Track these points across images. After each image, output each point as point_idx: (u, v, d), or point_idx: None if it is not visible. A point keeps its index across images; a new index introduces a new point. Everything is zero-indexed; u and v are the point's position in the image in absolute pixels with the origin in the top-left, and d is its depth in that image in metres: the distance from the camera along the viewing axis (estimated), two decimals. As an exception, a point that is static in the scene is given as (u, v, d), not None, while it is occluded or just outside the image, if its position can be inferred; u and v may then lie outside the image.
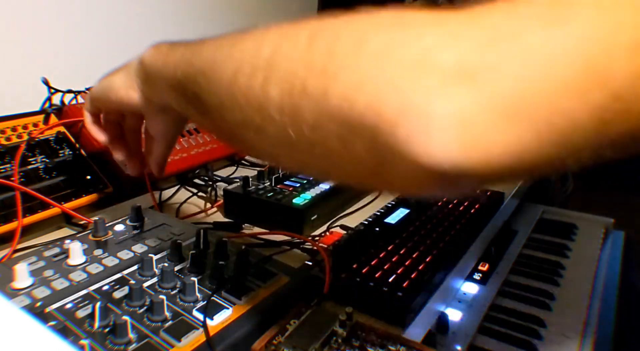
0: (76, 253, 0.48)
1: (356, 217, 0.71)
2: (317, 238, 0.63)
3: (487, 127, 0.21)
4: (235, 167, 0.90)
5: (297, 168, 0.31)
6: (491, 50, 0.22)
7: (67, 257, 0.49)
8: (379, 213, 0.67)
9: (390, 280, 0.49)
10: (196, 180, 0.81)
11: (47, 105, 0.75)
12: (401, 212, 0.67)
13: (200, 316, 0.41)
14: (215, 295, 0.44)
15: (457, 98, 0.21)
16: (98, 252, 0.51)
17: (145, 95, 0.45)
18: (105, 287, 0.45)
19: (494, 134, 0.21)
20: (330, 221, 0.69)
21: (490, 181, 0.24)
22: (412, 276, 0.50)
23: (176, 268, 0.48)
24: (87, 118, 0.53)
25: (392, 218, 0.65)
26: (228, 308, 0.42)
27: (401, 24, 0.24)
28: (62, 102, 0.77)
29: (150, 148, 0.50)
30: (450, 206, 0.71)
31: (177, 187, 0.79)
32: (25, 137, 0.66)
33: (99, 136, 0.53)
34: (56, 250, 0.51)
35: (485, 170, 0.22)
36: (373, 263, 0.52)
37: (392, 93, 0.23)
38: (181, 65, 0.37)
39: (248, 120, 0.30)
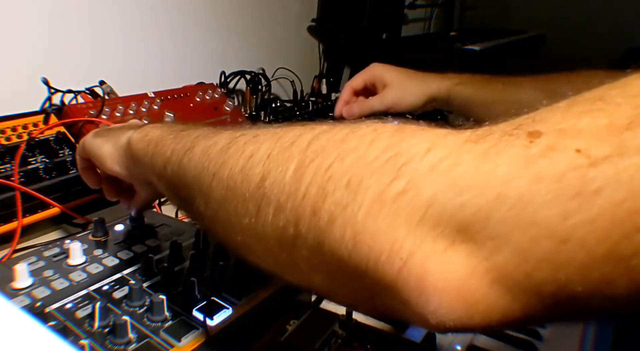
0: (76, 253, 0.48)
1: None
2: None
3: (486, 298, 0.20)
4: (235, 167, 0.90)
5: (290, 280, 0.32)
6: (496, 213, 0.20)
7: (67, 257, 0.49)
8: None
9: (390, 280, 0.49)
10: (196, 180, 0.81)
11: (47, 105, 0.75)
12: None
13: (200, 316, 0.41)
14: (215, 295, 0.44)
15: (455, 266, 0.20)
16: (98, 252, 0.51)
17: (131, 173, 0.46)
18: (105, 287, 0.45)
19: (493, 306, 0.20)
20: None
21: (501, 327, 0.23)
22: (412, 276, 0.50)
23: (176, 269, 0.48)
24: (80, 164, 0.54)
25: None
26: (228, 308, 0.42)
27: (395, 166, 0.23)
28: (62, 102, 0.76)
29: (135, 199, 0.53)
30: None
31: (177, 187, 0.79)
32: (25, 137, 0.66)
33: (90, 183, 0.55)
34: (56, 250, 0.51)
35: (489, 325, 0.21)
36: (373, 263, 0.52)
37: (390, 255, 0.22)
38: (170, 166, 0.37)
39: (243, 236, 0.30)
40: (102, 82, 0.84)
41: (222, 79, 1.12)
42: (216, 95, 0.97)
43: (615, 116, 0.19)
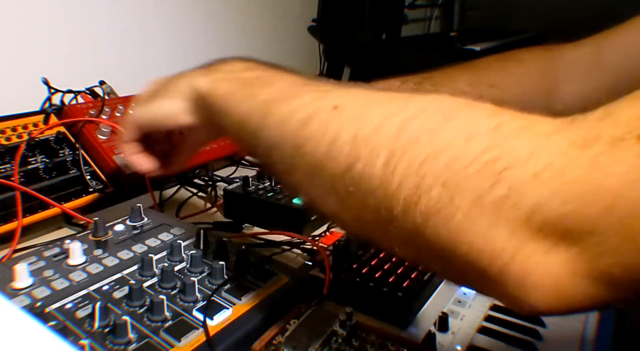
0: (76, 253, 0.48)
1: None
2: (317, 238, 0.63)
3: (585, 293, 0.21)
4: (235, 167, 0.90)
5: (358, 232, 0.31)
6: (605, 222, 0.20)
7: (67, 257, 0.49)
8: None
9: (390, 280, 0.49)
10: (196, 180, 0.81)
11: (47, 105, 0.75)
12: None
13: (200, 316, 0.41)
14: (215, 295, 0.44)
15: (556, 267, 0.21)
16: (98, 252, 0.51)
17: (202, 119, 0.43)
18: (105, 287, 0.45)
19: (589, 300, 0.21)
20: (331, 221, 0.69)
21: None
22: (412, 276, 0.50)
23: (176, 268, 0.48)
24: (130, 150, 0.50)
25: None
26: (228, 308, 0.42)
27: (496, 170, 0.22)
28: (62, 102, 0.76)
29: (181, 149, 0.51)
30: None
31: (177, 187, 0.79)
32: (25, 137, 0.66)
33: (147, 164, 0.51)
34: (56, 250, 0.51)
35: (579, 311, 0.22)
36: (373, 263, 0.52)
37: (491, 256, 0.22)
38: (245, 131, 0.35)
39: (330, 208, 0.29)
40: (102, 82, 0.84)
41: (222, 78, 1.12)
42: (216, 95, 0.97)
43: None
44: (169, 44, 1.11)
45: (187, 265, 0.48)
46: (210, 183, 0.79)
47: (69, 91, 0.78)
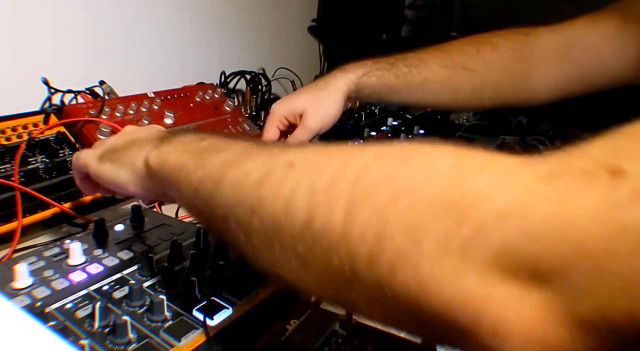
0: (76, 253, 0.48)
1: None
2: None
3: (563, 341, 0.19)
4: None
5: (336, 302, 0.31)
6: (577, 263, 0.18)
7: (67, 257, 0.49)
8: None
9: (390, 280, 0.49)
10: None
11: (47, 105, 0.75)
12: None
13: (200, 316, 0.41)
14: (215, 295, 0.44)
15: (531, 312, 0.19)
16: (98, 252, 0.51)
17: (155, 193, 0.44)
18: (105, 287, 0.45)
19: (570, 347, 0.19)
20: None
21: None
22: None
23: (176, 268, 0.48)
24: (78, 176, 0.51)
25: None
26: (228, 308, 0.42)
27: (459, 210, 0.21)
28: (62, 102, 0.76)
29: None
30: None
31: (177, 187, 0.79)
32: (25, 137, 0.66)
33: (89, 191, 0.52)
34: (56, 250, 0.51)
35: None
36: (373, 263, 0.52)
37: (462, 304, 0.21)
38: (199, 199, 0.34)
39: (291, 272, 0.28)
40: (102, 82, 0.84)
41: (222, 79, 1.12)
42: (216, 95, 0.97)
43: None
44: (169, 44, 1.11)
45: (187, 265, 0.48)
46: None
47: (69, 91, 0.78)
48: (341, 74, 0.77)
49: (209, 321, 0.40)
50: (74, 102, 0.78)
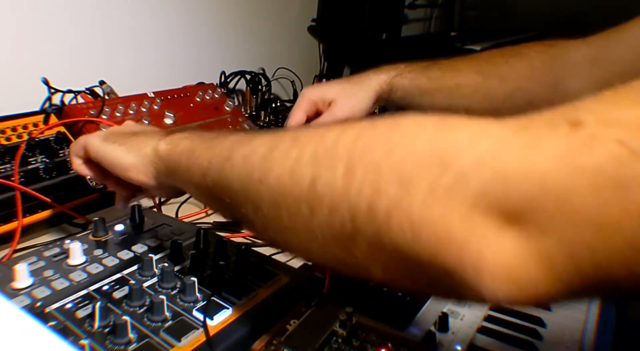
0: (76, 253, 0.48)
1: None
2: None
3: (533, 278, 0.21)
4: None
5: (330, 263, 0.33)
6: (540, 202, 0.20)
7: (67, 257, 0.49)
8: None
9: (390, 280, 0.49)
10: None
11: (47, 105, 0.75)
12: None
13: (200, 316, 0.41)
14: (215, 295, 0.44)
15: (506, 250, 0.22)
16: (98, 252, 0.51)
17: (159, 182, 0.45)
18: (105, 287, 0.45)
19: (545, 288, 0.21)
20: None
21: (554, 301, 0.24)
22: (412, 276, 0.50)
23: (176, 268, 0.48)
24: (75, 160, 0.52)
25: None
26: (228, 308, 0.42)
27: (443, 160, 0.24)
28: (62, 102, 0.77)
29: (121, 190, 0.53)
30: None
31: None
32: (25, 137, 0.66)
33: (95, 176, 0.53)
34: (56, 250, 0.51)
35: (537, 301, 0.23)
36: (373, 263, 0.52)
37: (449, 243, 0.23)
38: (210, 177, 0.37)
39: (298, 237, 0.31)
40: (102, 82, 0.84)
41: (222, 79, 1.12)
42: (216, 95, 0.97)
43: None
44: (169, 44, 1.11)
45: (187, 265, 0.48)
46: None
47: (69, 91, 0.78)
48: (375, 74, 0.79)
49: (209, 321, 0.40)
50: (74, 102, 0.78)
